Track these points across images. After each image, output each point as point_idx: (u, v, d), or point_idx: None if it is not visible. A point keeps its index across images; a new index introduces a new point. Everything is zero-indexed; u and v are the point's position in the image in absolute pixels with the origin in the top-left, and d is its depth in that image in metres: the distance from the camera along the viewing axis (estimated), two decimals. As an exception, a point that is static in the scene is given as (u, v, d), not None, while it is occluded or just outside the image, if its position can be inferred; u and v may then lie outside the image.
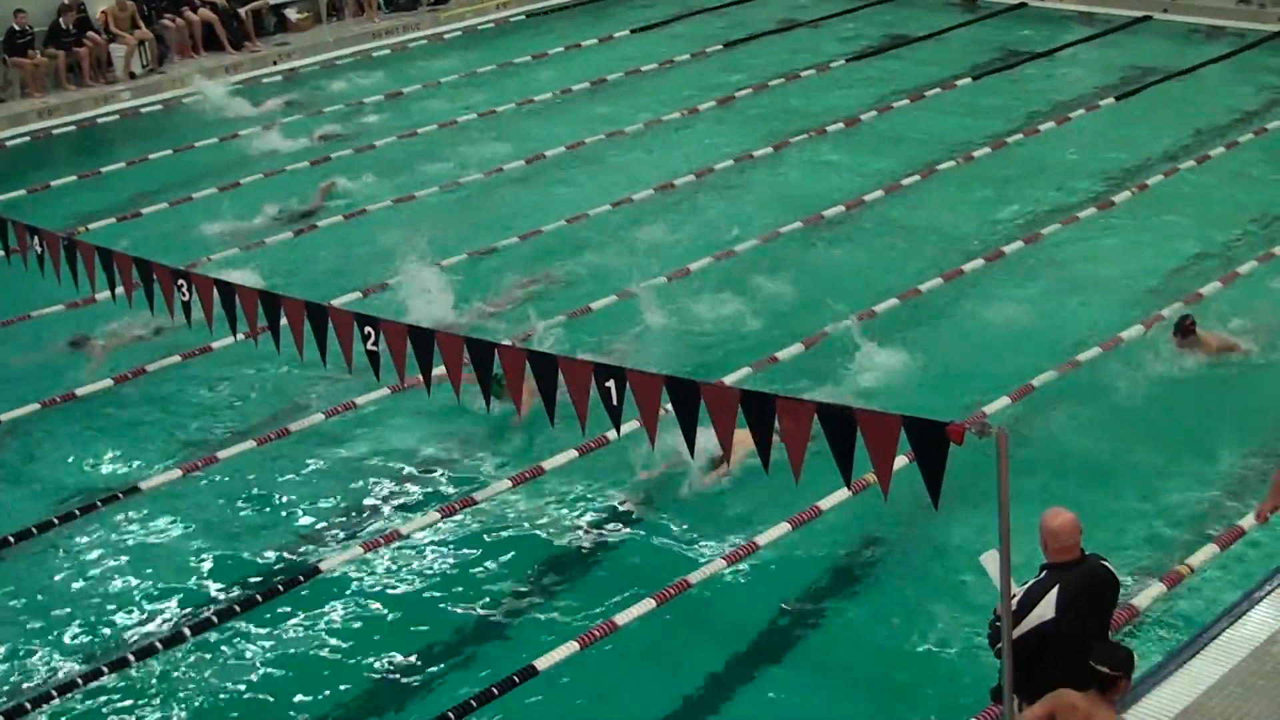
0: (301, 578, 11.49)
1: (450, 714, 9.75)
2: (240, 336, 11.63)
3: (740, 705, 10.21)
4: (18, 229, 12.89)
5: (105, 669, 10.47)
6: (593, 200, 19.46)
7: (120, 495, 12.82)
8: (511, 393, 9.79)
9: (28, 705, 10.08)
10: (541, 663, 10.21)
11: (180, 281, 11.46)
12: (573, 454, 12.88)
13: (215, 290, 11.19)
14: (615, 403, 9.10)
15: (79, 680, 10.38)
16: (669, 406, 8.90)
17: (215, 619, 11.09)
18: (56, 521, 12.47)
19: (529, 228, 18.52)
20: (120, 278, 11.97)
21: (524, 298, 16.61)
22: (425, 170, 21.12)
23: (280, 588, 11.39)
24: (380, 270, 17.39)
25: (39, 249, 12.66)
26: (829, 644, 10.83)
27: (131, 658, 10.63)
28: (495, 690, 9.96)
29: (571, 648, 10.36)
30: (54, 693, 10.25)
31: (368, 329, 10.22)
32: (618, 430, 9.32)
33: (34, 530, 12.32)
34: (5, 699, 10.42)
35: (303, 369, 13.87)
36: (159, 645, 10.79)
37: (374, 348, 10.22)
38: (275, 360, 14.10)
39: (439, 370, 9.96)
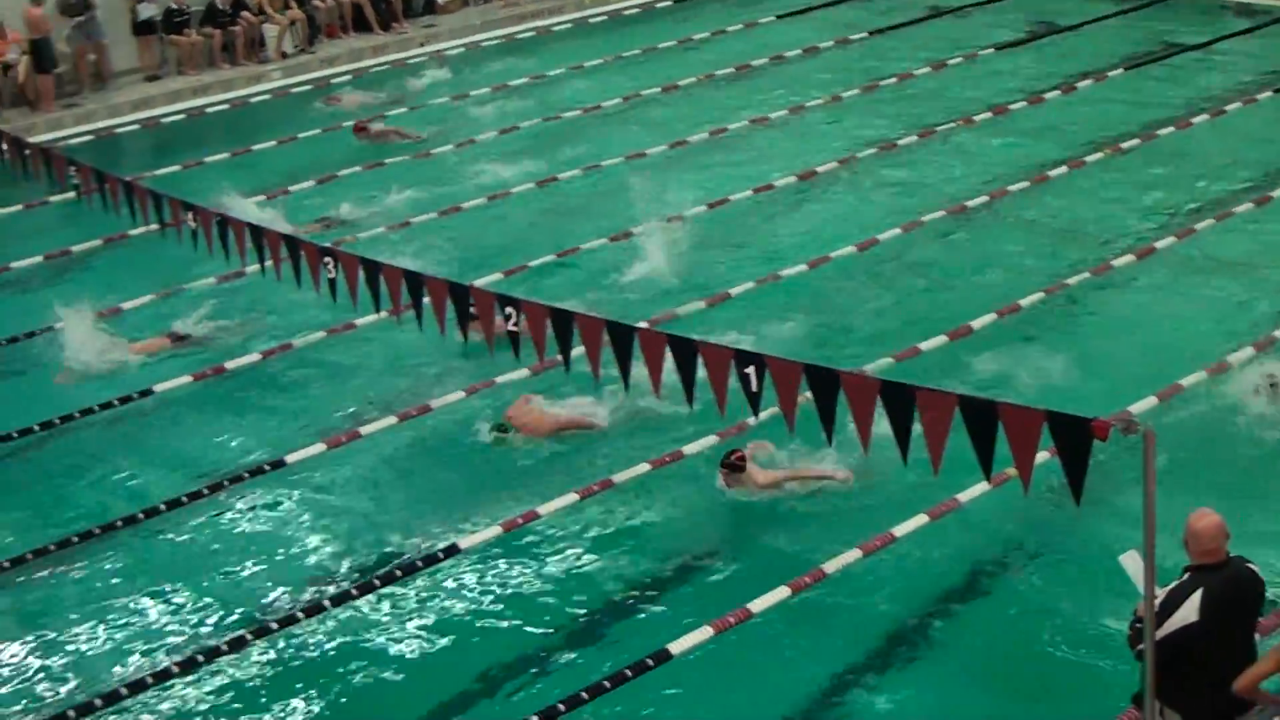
0: (441, 555, 11.61)
1: (584, 694, 9.81)
2: (383, 314, 11.82)
3: (870, 697, 10.12)
4: (173, 204, 13.21)
5: (225, 647, 10.62)
6: (733, 186, 19.42)
7: (266, 468, 13.06)
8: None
9: (149, 680, 10.31)
10: (675, 647, 10.22)
11: (327, 259, 11.67)
12: (713, 439, 12.86)
13: (360, 267, 11.37)
14: (754, 389, 9.10)
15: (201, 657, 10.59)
16: (808, 394, 8.88)
17: (355, 592, 11.26)
18: (206, 492, 12.73)
19: (669, 213, 18.51)
20: (270, 253, 12.21)
21: (662, 282, 16.63)
22: (567, 154, 21.21)
23: (419, 564, 11.53)
24: (521, 252, 17.51)
25: (193, 224, 12.98)
26: (962, 639, 10.70)
27: (274, 625, 10.82)
28: (629, 672, 9.99)
29: (705, 633, 10.36)
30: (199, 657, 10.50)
31: (509, 309, 10.32)
32: (755, 414, 9.31)
33: (184, 500, 12.61)
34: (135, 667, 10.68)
35: (444, 347, 14.01)
36: (300, 614, 10.98)
37: (514, 328, 10.31)
38: (417, 337, 14.23)
39: (577, 350, 10.02)
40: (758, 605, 10.63)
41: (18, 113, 23.85)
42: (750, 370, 9.07)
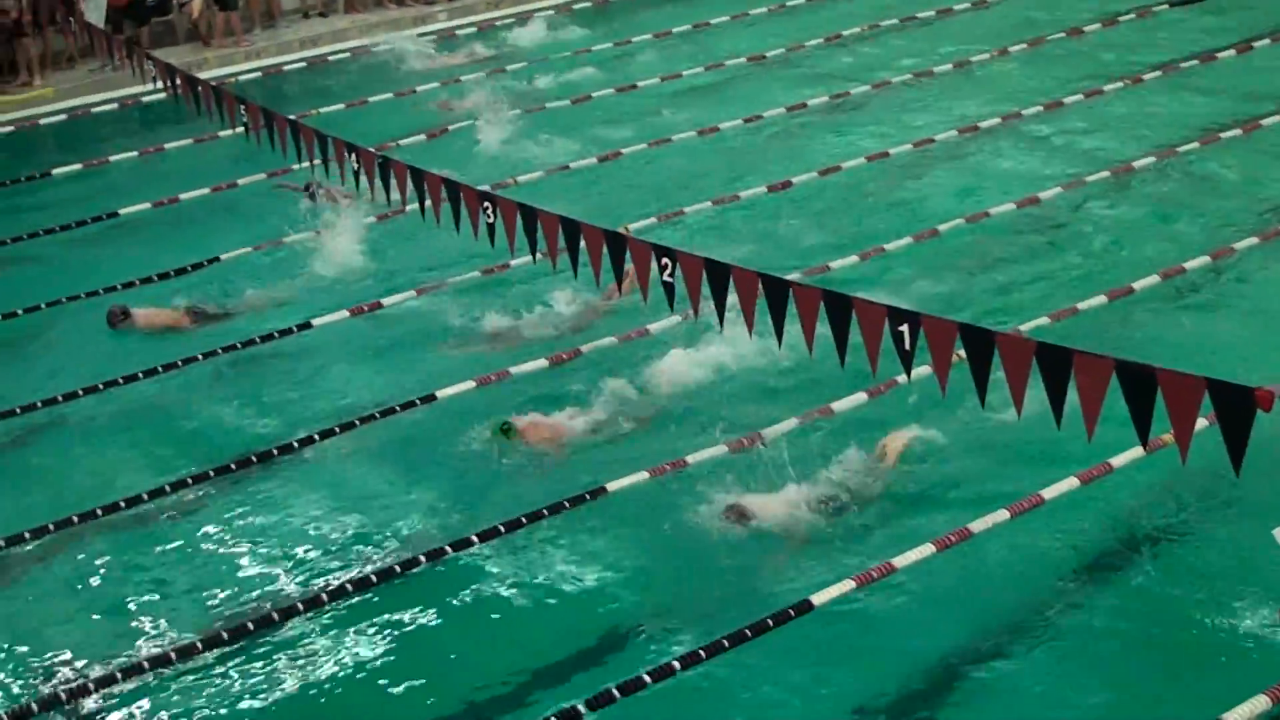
0: (588, 496, 11.72)
1: (725, 641, 9.85)
2: (540, 257, 11.90)
3: (1010, 659, 10.01)
4: (336, 144, 13.42)
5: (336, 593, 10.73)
6: (894, 140, 19.22)
7: (418, 402, 13.28)
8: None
9: (198, 645, 10.38)
10: (817, 598, 10.23)
11: (485, 203, 11.78)
12: (862, 396, 12.82)
13: (518, 213, 11.45)
14: (908, 347, 9.03)
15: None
16: (962, 353, 8.80)
17: (525, 520, 11.37)
18: (338, 430, 12.98)
19: (828, 164, 18.41)
20: (430, 196, 12.35)
21: (817, 235, 16.55)
22: (729, 103, 21.14)
23: (566, 504, 11.64)
24: (678, 200, 17.53)
25: (355, 164, 13.17)
26: (1106, 606, 10.54)
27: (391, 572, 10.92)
28: (770, 622, 10.03)
29: (847, 586, 10.35)
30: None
31: (665, 260, 10.33)
32: (908, 375, 9.24)
33: (315, 438, 12.87)
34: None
35: (598, 295, 14.10)
36: (422, 559, 10.98)
37: (669, 279, 10.32)
38: (572, 284, 14.36)
39: (732, 299, 10.02)
40: (901, 561, 10.58)
41: (189, 49, 24.37)
42: (904, 328, 8.99)
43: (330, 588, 10.82)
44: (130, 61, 18.75)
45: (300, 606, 10.63)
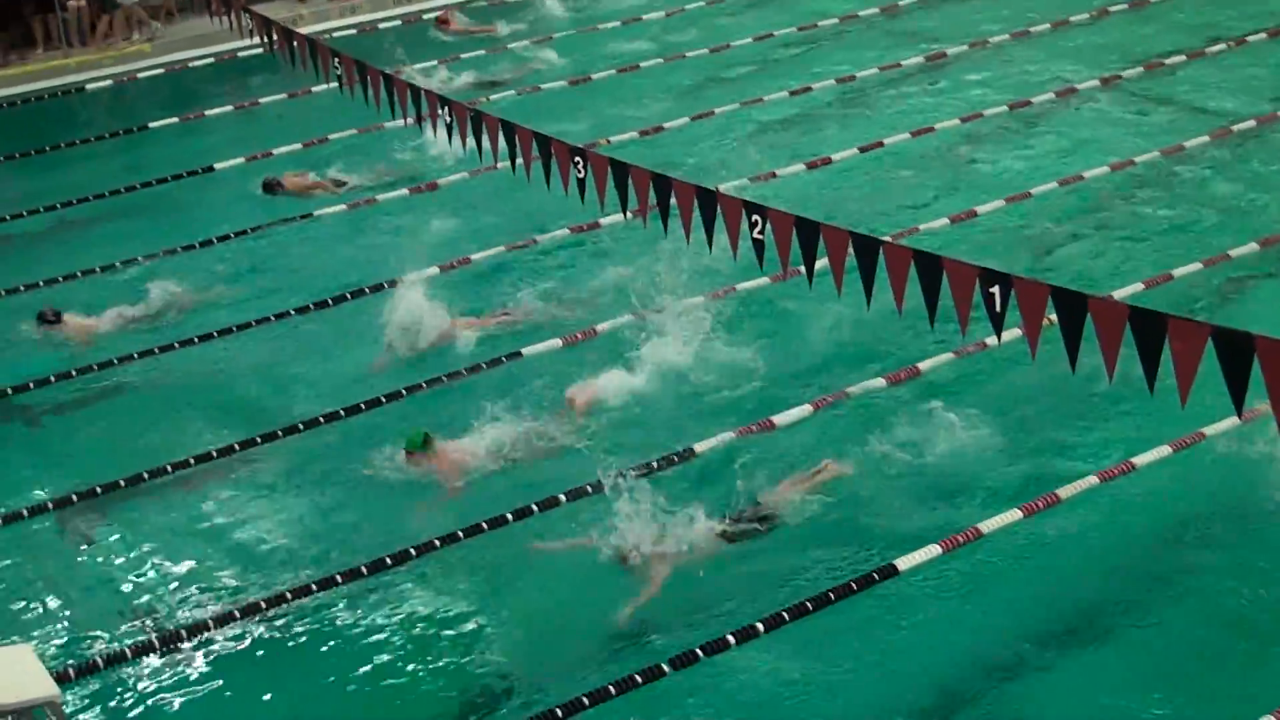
0: (676, 458, 11.69)
1: (809, 603, 9.87)
2: (629, 216, 11.88)
3: (1090, 627, 9.89)
4: (429, 98, 13.44)
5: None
6: (989, 101, 18.99)
7: (504, 359, 13.31)
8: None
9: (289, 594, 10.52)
10: (902, 563, 10.19)
11: (577, 158, 11.75)
12: (949, 356, 12.70)
13: (609, 168, 11.42)
14: (998, 309, 8.92)
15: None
16: (1053, 316, 8.69)
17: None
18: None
19: (921, 125, 18.22)
20: (521, 150, 12.35)
21: (909, 195, 16.40)
22: (822, 63, 20.97)
23: (657, 465, 11.65)
24: (769, 160, 17.44)
25: (448, 119, 13.19)
26: (1189, 573, 10.37)
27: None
28: (854, 585, 10.00)
29: (933, 550, 10.29)
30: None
31: (755, 217, 10.27)
32: (998, 337, 9.14)
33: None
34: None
35: (686, 250, 14.02)
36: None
37: (760, 236, 10.26)
38: (660, 240, 14.28)
39: (822, 262, 9.95)
40: (987, 526, 10.53)
41: (284, 5, 24.51)
42: (995, 290, 8.88)
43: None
44: (228, 16, 18.88)
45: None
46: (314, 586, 10.51)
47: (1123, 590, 10.21)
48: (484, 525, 11.04)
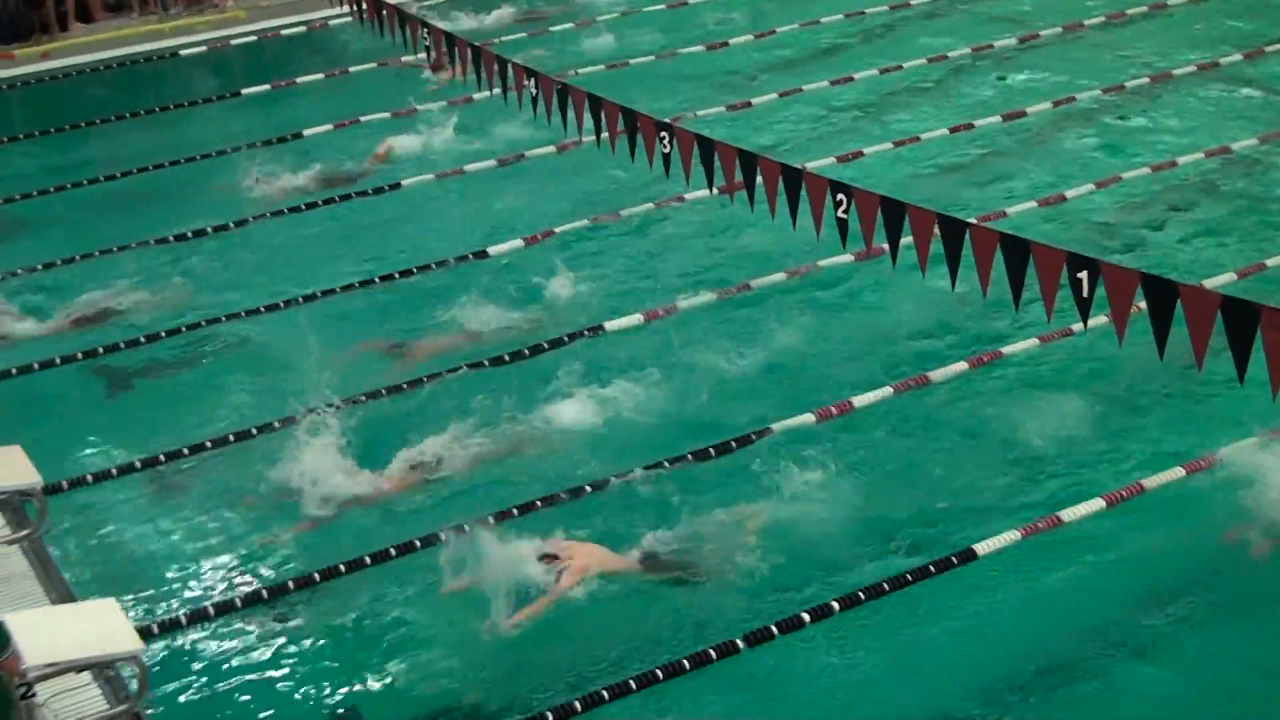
0: (753, 436, 11.68)
1: (885, 584, 9.84)
2: (715, 192, 11.85)
3: (1168, 618, 9.78)
4: (516, 70, 13.46)
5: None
6: (1083, 84, 18.75)
7: (587, 333, 13.35)
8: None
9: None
10: (981, 548, 10.12)
11: (662, 133, 11.73)
12: (1034, 342, 12.59)
13: (695, 144, 11.40)
14: (1085, 295, 8.83)
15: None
16: (1141, 304, 8.59)
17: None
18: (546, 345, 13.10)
19: (1012, 108, 18.04)
20: (607, 124, 12.34)
21: (995, 178, 16.26)
22: (912, 41, 20.80)
23: (738, 442, 11.64)
24: (856, 139, 17.34)
25: (534, 90, 13.21)
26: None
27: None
28: (931, 568, 9.96)
29: (1012, 536, 10.21)
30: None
31: (840, 195, 10.22)
32: (1085, 323, 9.04)
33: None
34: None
35: (770, 229, 13.96)
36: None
37: (844, 215, 10.22)
38: (744, 217, 14.24)
39: (906, 240, 9.89)
40: (1068, 515, 10.42)
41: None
42: (1083, 275, 8.79)
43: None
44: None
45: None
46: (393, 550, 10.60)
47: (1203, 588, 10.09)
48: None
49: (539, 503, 10.97)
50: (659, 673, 9.20)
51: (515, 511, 10.84)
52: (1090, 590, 10.05)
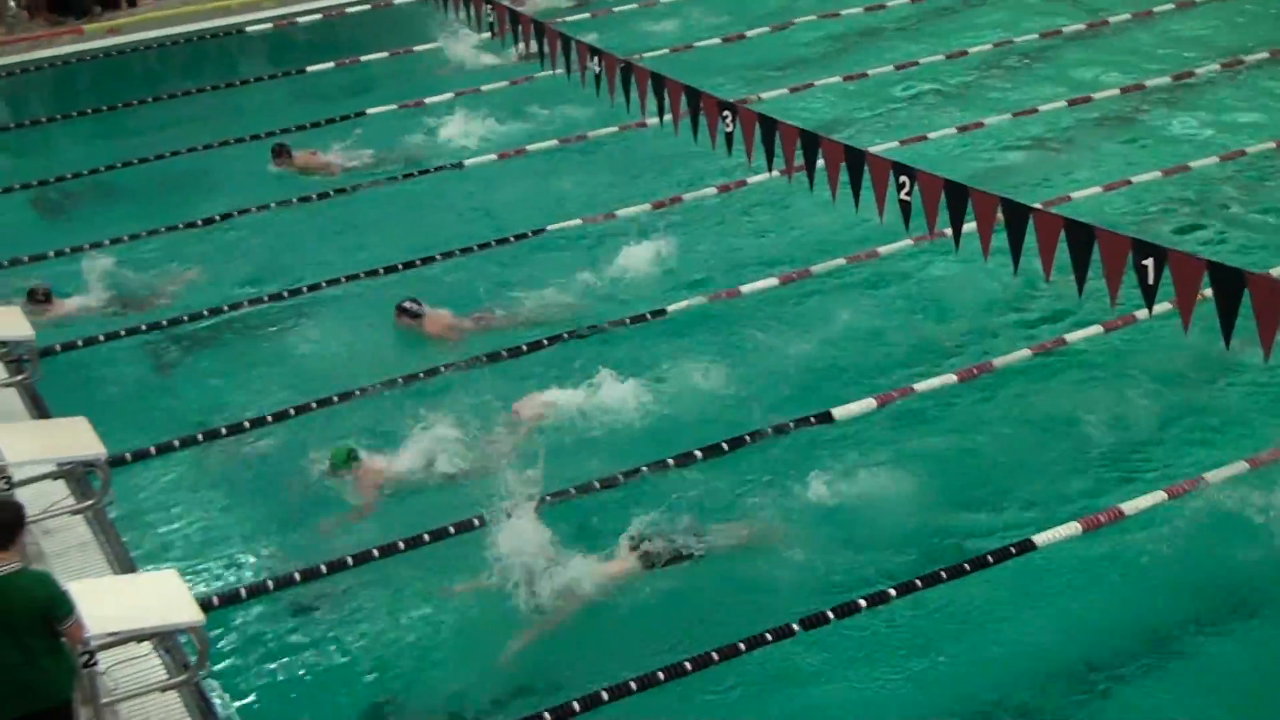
0: (813, 420, 11.66)
1: (943, 573, 9.80)
2: (776, 173, 11.82)
3: (1233, 613, 9.66)
4: (580, 48, 13.46)
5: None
6: (1151, 70, 18.54)
7: (649, 317, 13.34)
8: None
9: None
10: (1040, 539, 10.06)
11: (725, 113, 11.71)
12: (1098, 329, 12.50)
13: (758, 124, 11.37)
14: (1151, 282, 8.76)
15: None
16: (1208, 292, 8.51)
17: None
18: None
19: (1077, 93, 17.88)
20: (670, 104, 12.32)
21: (1058, 164, 16.13)
22: (980, 26, 20.63)
23: (796, 424, 11.61)
24: (920, 122, 17.25)
25: (598, 69, 13.21)
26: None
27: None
28: (990, 559, 9.93)
29: (1073, 529, 10.14)
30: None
31: (903, 178, 10.18)
32: (1149, 309, 8.97)
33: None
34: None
35: (831, 213, 13.92)
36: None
37: (907, 197, 10.17)
38: (807, 198, 14.18)
39: (969, 225, 9.84)
40: (1129, 508, 10.33)
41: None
42: (1149, 262, 8.72)
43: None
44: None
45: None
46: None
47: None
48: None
49: (597, 484, 10.97)
50: (714, 654, 9.22)
51: (573, 491, 10.85)
52: (1150, 584, 9.94)
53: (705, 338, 13.05)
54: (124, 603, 8.58)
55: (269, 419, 12.06)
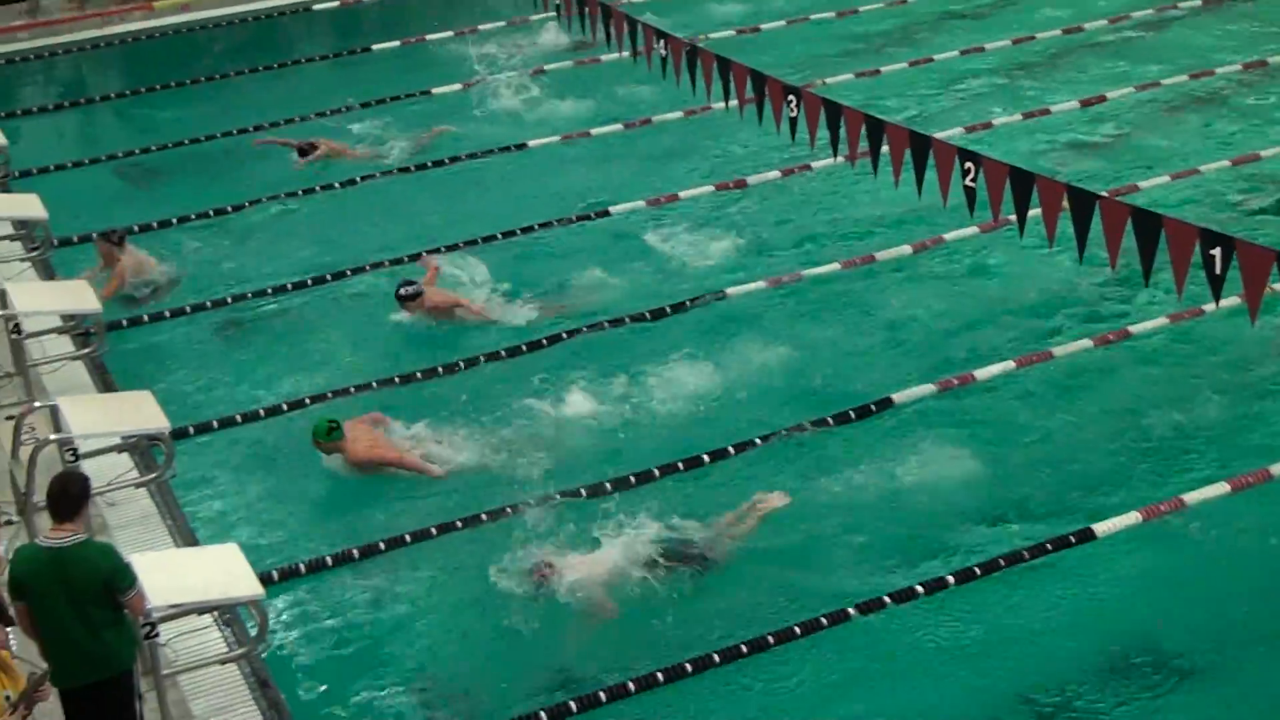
0: (873, 407, 11.63)
1: (1001, 560, 9.77)
2: (840, 158, 11.76)
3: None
4: (646, 31, 13.44)
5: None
6: (1222, 58, 18.33)
7: (709, 297, 13.33)
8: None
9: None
10: (1100, 528, 9.99)
11: (790, 97, 11.67)
12: (1162, 320, 12.39)
13: (822, 108, 11.32)
14: (1218, 272, 8.67)
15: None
16: (1277, 285, 8.42)
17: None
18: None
19: (1147, 79, 17.69)
20: (735, 88, 12.29)
21: (1125, 153, 15.98)
22: (1047, 14, 20.42)
23: (857, 414, 11.60)
24: (989, 109, 17.14)
25: (663, 53, 13.19)
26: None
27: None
28: (1049, 546, 9.88)
29: (1134, 518, 10.07)
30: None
31: (968, 164, 10.11)
32: (1216, 301, 8.88)
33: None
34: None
35: (895, 199, 13.86)
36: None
37: (972, 184, 10.10)
38: (869, 184, 14.13)
39: (1034, 212, 9.76)
40: (1191, 498, 10.25)
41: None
42: (1216, 252, 8.62)
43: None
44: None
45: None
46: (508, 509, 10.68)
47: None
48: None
49: (656, 471, 10.98)
50: (769, 638, 9.25)
51: (633, 480, 10.88)
52: (1211, 576, 9.86)
53: (765, 322, 13.02)
54: (185, 575, 8.67)
55: (330, 395, 12.13)
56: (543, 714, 8.80)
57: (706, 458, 11.11)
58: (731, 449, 11.18)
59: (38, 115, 18.70)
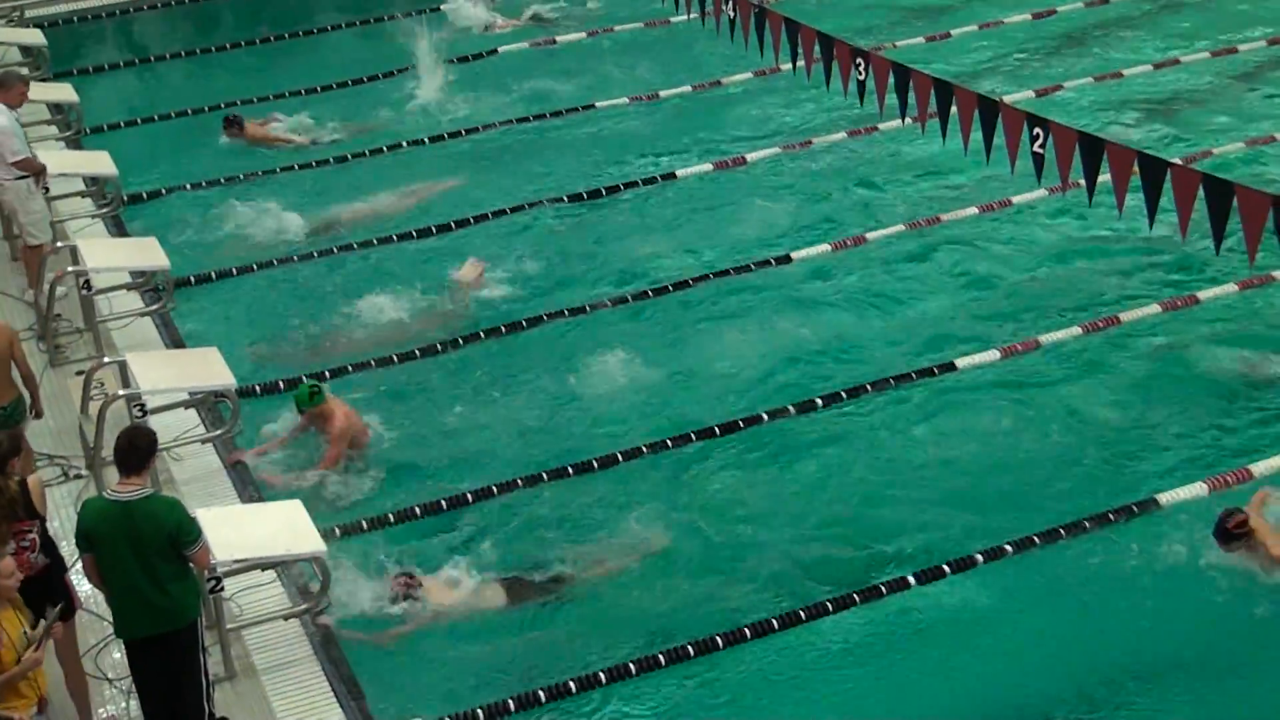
0: (935, 370, 11.60)
1: (1061, 530, 9.71)
2: (909, 121, 11.66)
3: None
4: (715, -6, 13.37)
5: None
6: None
7: (773, 261, 13.29)
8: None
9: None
10: (1165, 498, 9.93)
11: (858, 60, 11.57)
12: (1232, 288, 12.25)
13: (891, 72, 11.22)
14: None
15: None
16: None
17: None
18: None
19: (1220, 45, 17.44)
20: (803, 50, 12.20)
21: (1200, 120, 15.75)
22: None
23: (919, 374, 11.57)
24: (1056, 72, 16.94)
25: (732, 14, 13.11)
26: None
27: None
28: (1111, 516, 9.81)
29: (1199, 489, 10.00)
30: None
31: (1037, 130, 9.99)
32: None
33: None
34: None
35: (962, 161, 13.74)
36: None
37: (1040, 149, 9.99)
38: (937, 148, 14.00)
39: (1103, 178, 9.65)
40: (1258, 469, 10.14)
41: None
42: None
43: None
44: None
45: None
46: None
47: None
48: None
49: (693, 435, 11.01)
50: (802, 613, 9.24)
51: (669, 443, 10.90)
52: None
53: (831, 285, 12.99)
54: (249, 531, 8.77)
55: (394, 359, 12.18)
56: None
57: (741, 423, 11.12)
58: (764, 413, 11.20)
59: (109, 72, 18.80)
